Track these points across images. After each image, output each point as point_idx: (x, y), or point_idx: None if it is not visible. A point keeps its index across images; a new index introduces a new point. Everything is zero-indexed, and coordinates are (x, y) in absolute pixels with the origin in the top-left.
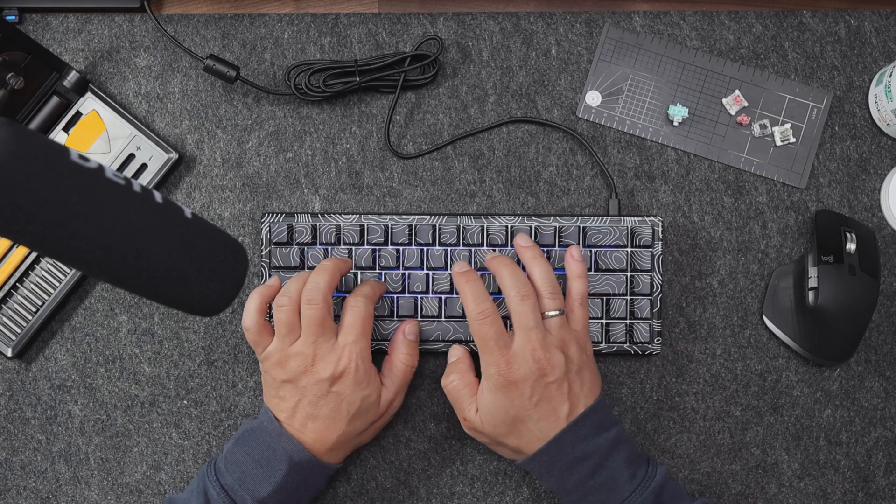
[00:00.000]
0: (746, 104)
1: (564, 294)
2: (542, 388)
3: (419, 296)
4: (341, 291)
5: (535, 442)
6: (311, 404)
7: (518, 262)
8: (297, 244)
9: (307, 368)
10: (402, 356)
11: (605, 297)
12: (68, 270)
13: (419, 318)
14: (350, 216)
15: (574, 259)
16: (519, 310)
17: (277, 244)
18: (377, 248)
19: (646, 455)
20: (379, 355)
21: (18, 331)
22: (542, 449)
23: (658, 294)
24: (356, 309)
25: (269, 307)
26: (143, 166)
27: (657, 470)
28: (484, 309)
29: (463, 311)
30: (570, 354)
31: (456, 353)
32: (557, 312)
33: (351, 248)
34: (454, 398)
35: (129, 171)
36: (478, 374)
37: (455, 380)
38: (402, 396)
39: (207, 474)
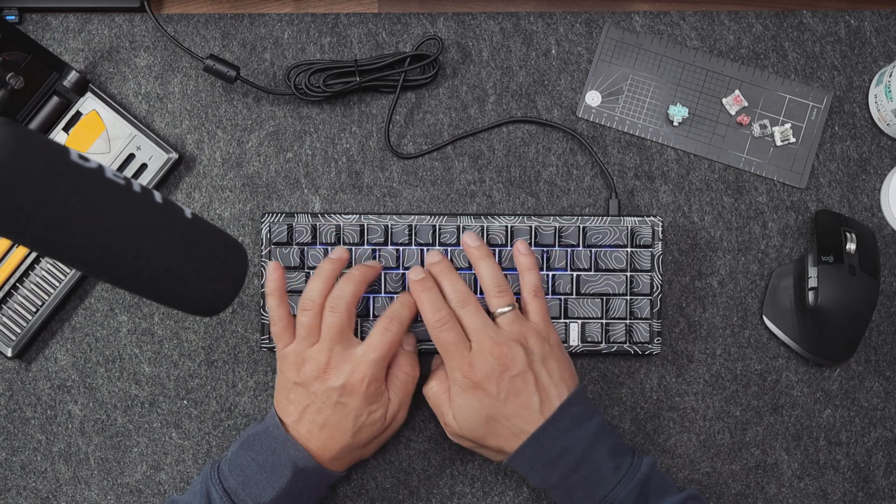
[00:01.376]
0: (746, 104)
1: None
2: (507, 382)
3: None
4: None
5: (514, 440)
6: (318, 411)
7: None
8: (297, 244)
9: (319, 374)
10: (404, 367)
11: (605, 297)
12: (68, 270)
13: (418, 318)
14: (350, 216)
15: (521, 253)
16: (464, 316)
17: (277, 244)
18: (377, 248)
19: (630, 446)
20: None
21: (18, 331)
22: (522, 446)
23: (658, 294)
24: (388, 333)
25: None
26: (143, 166)
27: (642, 461)
28: (441, 317)
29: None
30: (530, 346)
31: (438, 361)
32: (508, 308)
33: (351, 249)
34: (434, 405)
35: (129, 171)
36: None
37: (434, 386)
38: (406, 409)
39: (211, 477)
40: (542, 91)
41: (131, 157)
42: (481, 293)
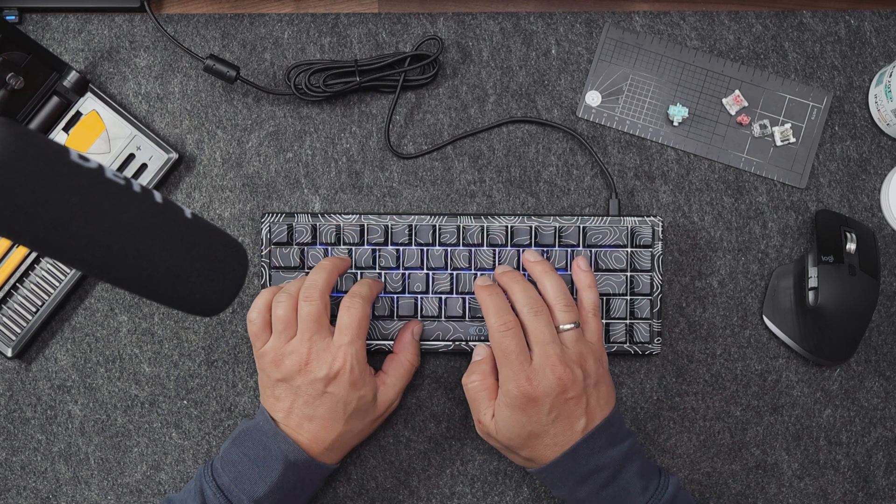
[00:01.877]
0: (746, 104)
1: None
2: (561, 404)
3: (419, 296)
4: (341, 291)
5: (549, 454)
6: (306, 404)
7: (528, 277)
8: (297, 244)
9: (301, 367)
10: (409, 356)
11: (605, 297)
12: (68, 270)
13: (419, 318)
14: (350, 216)
15: (582, 270)
16: (534, 326)
17: (277, 244)
18: (377, 248)
19: (657, 466)
20: (381, 355)
21: (18, 331)
22: (556, 461)
23: (658, 294)
24: (353, 310)
25: None
26: (143, 166)
27: (669, 481)
28: (506, 321)
29: (464, 311)
30: (588, 368)
31: (481, 353)
32: (573, 325)
33: (351, 248)
34: (472, 399)
35: (129, 171)
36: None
37: (476, 381)
38: (400, 395)
39: (204, 474)
40: (542, 91)
41: (131, 157)
42: None
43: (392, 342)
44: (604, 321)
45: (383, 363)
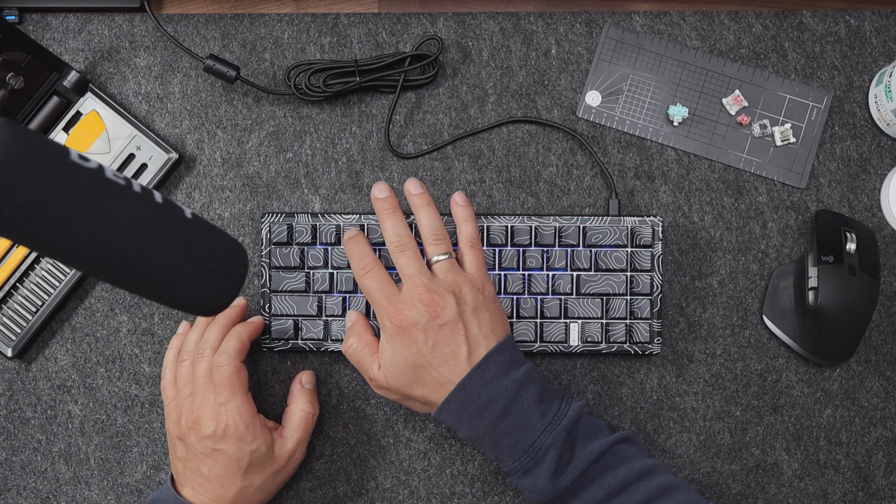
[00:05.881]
0: (746, 104)
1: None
2: (435, 330)
3: None
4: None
5: (441, 390)
6: (201, 463)
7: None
8: (297, 244)
9: (193, 425)
10: (301, 405)
11: (605, 297)
12: (68, 270)
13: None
14: (350, 216)
15: (458, 204)
16: (398, 260)
17: (277, 244)
18: (377, 248)
19: (560, 392)
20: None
21: (18, 331)
22: (449, 397)
23: (658, 294)
24: (221, 369)
25: None
26: (143, 166)
27: (570, 405)
28: (365, 264)
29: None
30: (463, 295)
31: (352, 318)
32: (445, 256)
33: None
34: (356, 360)
35: (129, 171)
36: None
37: (353, 342)
38: (305, 447)
39: None
40: (542, 91)
41: (131, 157)
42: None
43: None
44: (604, 321)
45: (282, 415)
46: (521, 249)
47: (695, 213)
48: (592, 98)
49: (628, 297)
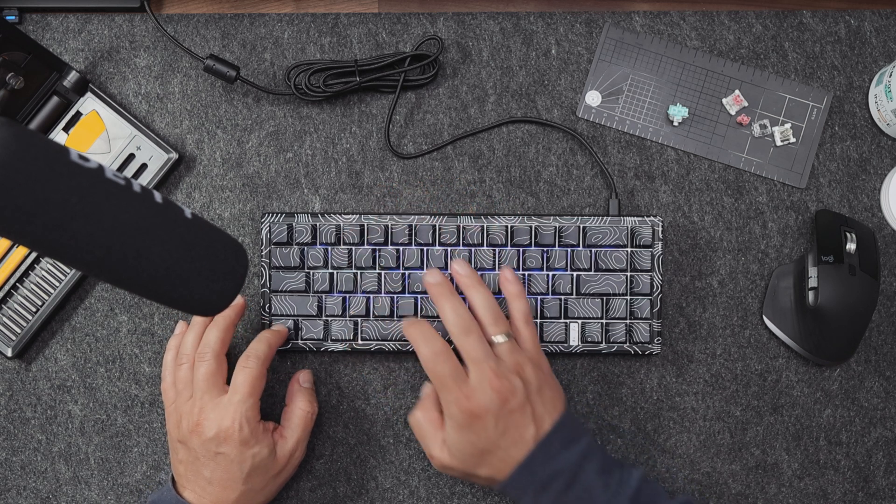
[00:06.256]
0: (746, 104)
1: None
2: (505, 416)
3: (419, 296)
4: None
5: (506, 468)
6: (203, 466)
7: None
8: (297, 244)
9: (194, 428)
10: (301, 404)
11: (605, 297)
12: (68, 270)
13: (418, 318)
14: (350, 216)
15: (508, 280)
16: (465, 345)
17: (277, 244)
18: (377, 248)
19: (619, 461)
20: (381, 355)
21: (18, 331)
22: (513, 474)
23: (658, 294)
24: (247, 371)
25: None
26: (143, 166)
27: (631, 474)
28: (434, 348)
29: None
30: (527, 377)
31: (425, 390)
32: (505, 338)
33: (351, 248)
34: (420, 435)
35: (129, 171)
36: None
37: (419, 417)
38: (304, 446)
39: None
40: (542, 91)
41: (131, 157)
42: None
43: (392, 342)
44: (604, 321)
45: (280, 416)
46: (521, 249)
47: (695, 213)
48: (592, 98)
49: (628, 297)
